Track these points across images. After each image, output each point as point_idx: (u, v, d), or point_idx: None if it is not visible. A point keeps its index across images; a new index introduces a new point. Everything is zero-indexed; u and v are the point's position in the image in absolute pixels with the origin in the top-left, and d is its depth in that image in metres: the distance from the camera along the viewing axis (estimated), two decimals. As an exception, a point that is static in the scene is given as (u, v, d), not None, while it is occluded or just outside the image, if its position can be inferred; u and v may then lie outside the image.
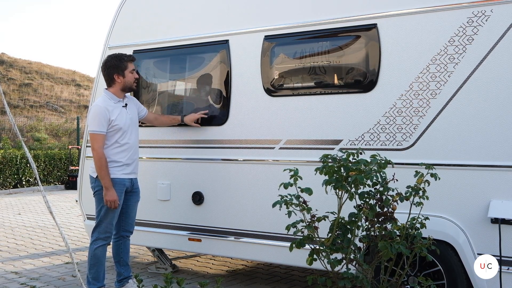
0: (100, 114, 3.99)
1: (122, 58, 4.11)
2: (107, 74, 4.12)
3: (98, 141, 3.98)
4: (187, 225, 4.54)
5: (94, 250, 4.11)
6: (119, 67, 4.09)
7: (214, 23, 4.50)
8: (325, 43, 4.01)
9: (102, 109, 4.01)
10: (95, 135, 3.99)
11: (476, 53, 3.38)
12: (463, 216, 3.41)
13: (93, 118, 4.01)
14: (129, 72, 4.12)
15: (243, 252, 4.33)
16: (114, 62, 4.10)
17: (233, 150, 4.33)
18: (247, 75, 4.28)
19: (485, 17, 3.36)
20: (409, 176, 3.19)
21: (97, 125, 3.98)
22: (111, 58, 4.14)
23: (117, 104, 4.10)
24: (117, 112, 4.06)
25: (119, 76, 4.09)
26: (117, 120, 4.03)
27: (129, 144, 4.10)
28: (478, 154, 3.36)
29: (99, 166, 3.97)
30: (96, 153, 3.98)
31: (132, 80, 4.14)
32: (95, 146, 3.98)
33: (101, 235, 4.10)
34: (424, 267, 3.53)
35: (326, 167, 3.10)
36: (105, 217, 4.07)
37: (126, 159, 4.10)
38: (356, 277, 2.98)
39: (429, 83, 3.53)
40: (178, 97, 4.90)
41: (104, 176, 3.97)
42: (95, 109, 4.03)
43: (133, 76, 4.15)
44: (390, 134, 3.66)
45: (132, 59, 4.18)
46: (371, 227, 3.14)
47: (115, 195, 4.00)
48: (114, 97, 4.10)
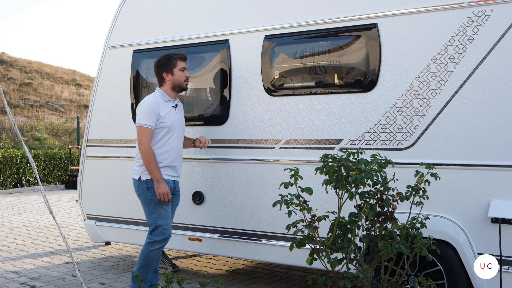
0: (150, 108, 3.85)
1: (171, 56, 4.01)
2: (157, 73, 4.04)
3: (146, 135, 3.82)
4: (187, 224, 4.53)
5: (149, 253, 3.89)
6: (168, 65, 3.99)
7: (214, 22, 4.50)
8: (325, 42, 4.01)
9: (153, 103, 3.87)
10: (143, 128, 3.83)
11: (476, 53, 3.38)
12: (463, 216, 3.41)
13: (143, 111, 3.85)
14: (179, 70, 3.99)
15: (243, 252, 4.32)
16: (163, 61, 4.01)
17: (234, 149, 4.33)
18: (248, 75, 4.28)
19: (485, 16, 3.36)
20: (410, 176, 3.19)
21: (146, 118, 3.83)
22: (161, 57, 4.06)
23: (168, 103, 3.97)
24: (166, 110, 3.92)
25: (167, 74, 3.98)
26: (166, 117, 3.89)
27: (173, 146, 3.95)
28: (478, 154, 3.36)
29: (148, 159, 3.80)
30: (144, 146, 3.81)
31: (182, 79, 4.00)
32: (143, 140, 3.81)
33: (157, 238, 3.90)
34: (424, 266, 3.53)
35: (326, 167, 3.10)
36: (159, 218, 3.88)
37: (170, 160, 3.93)
38: (356, 276, 2.98)
39: (429, 82, 3.53)
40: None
41: (154, 169, 3.80)
42: (146, 103, 3.90)
43: (183, 75, 4.01)
44: (391, 134, 3.66)
45: (183, 57, 4.04)
46: (371, 227, 3.14)
47: (167, 187, 3.84)
48: (165, 95, 3.98)
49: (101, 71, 5.08)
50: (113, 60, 5.03)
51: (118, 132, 4.96)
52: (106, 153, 5.03)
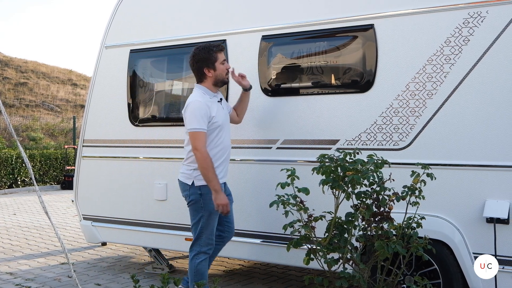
0: (201, 110, 3.57)
1: (211, 49, 3.68)
2: (197, 69, 3.72)
3: (201, 140, 3.53)
4: (184, 225, 4.53)
5: (197, 266, 3.66)
6: (209, 59, 3.68)
7: (212, 22, 4.50)
8: (322, 43, 4.02)
9: (203, 104, 3.59)
10: (197, 133, 3.54)
11: (471, 54, 3.40)
12: (458, 216, 3.43)
13: (194, 114, 3.56)
14: (220, 64, 3.70)
15: (240, 252, 4.32)
16: (202, 55, 3.68)
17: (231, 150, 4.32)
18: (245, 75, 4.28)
19: (480, 18, 3.38)
20: (406, 176, 3.21)
21: (199, 122, 3.54)
22: (199, 50, 3.71)
23: (213, 99, 3.71)
24: (215, 108, 3.66)
25: (209, 69, 3.68)
26: (217, 116, 3.64)
27: (226, 143, 3.73)
28: (473, 154, 3.38)
29: (206, 167, 3.50)
30: (201, 153, 3.51)
31: (224, 72, 3.73)
32: (199, 146, 3.52)
33: (202, 248, 3.67)
34: (420, 266, 3.55)
35: (323, 167, 3.11)
36: (207, 227, 3.64)
37: (222, 160, 3.70)
38: (352, 276, 2.99)
39: (425, 83, 3.54)
40: (175, 97, 4.90)
41: (213, 178, 3.51)
42: (196, 105, 3.59)
43: (224, 67, 3.73)
44: (387, 134, 3.67)
45: (222, 48, 3.76)
46: (368, 227, 3.16)
47: (226, 197, 3.58)
48: (209, 92, 3.71)
49: (97, 70, 5.08)
50: (109, 59, 5.03)
51: (114, 132, 4.96)
52: (102, 153, 5.02)
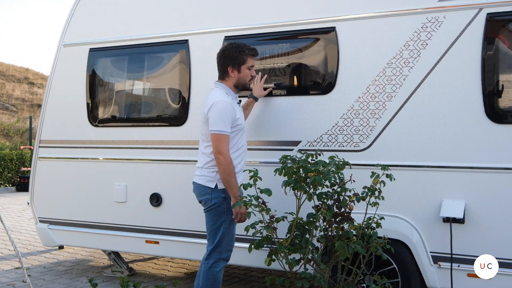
0: (228, 112, 3.35)
1: (242, 50, 3.48)
2: (221, 64, 3.53)
3: (225, 144, 3.33)
4: (145, 227, 4.46)
5: (216, 275, 3.40)
6: (237, 59, 3.47)
7: (174, 22, 4.45)
8: (285, 45, 4.04)
9: (229, 106, 3.38)
10: (222, 136, 3.33)
11: (429, 58, 3.49)
12: (416, 216, 3.51)
13: (220, 115, 3.34)
14: (246, 68, 3.50)
15: (201, 254, 4.28)
16: (232, 53, 3.48)
17: (193, 151, 4.29)
18: (207, 75, 4.24)
19: (438, 23, 3.47)
20: (366, 177, 3.25)
21: (225, 124, 3.33)
22: (230, 47, 3.52)
23: (234, 100, 3.52)
24: (238, 110, 3.49)
25: (233, 69, 3.49)
26: (240, 118, 3.47)
27: (245, 146, 3.54)
28: (431, 155, 3.47)
29: (229, 173, 3.29)
30: (225, 157, 3.30)
31: (247, 78, 3.53)
32: (223, 150, 3.31)
33: (222, 255, 3.42)
34: (379, 265, 3.61)
35: (285, 168, 3.13)
36: (228, 233, 3.41)
37: (242, 164, 3.50)
38: (313, 276, 3.02)
39: (385, 86, 3.61)
40: (136, 97, 4.82)
41: (234, 184, 3.31)
42: (223, 105, 3.36)
43: (249, 74, 3.53)
44: (348, 136, 3.72)
45: (254, 53, 3.54)
46: (329, 227, 3.19)
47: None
48: (231, 92, 3.50)
49: (55, 69, 4.94)
50: (68, 58, 4.90)
51: (73, 133, 4.84)
52: (60, 154, 4.89)
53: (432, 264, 3.46)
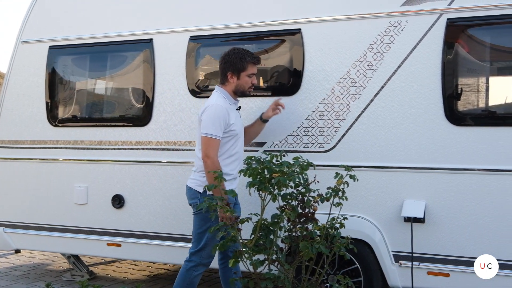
0: (221, 116, 3.35)
1: (243, 57, 3.46)
2: (222, 69, 3.52)
3: (214, 148, 3.32)
4: (106, 229, 4.38)
5: (193, 278, 3.42)
6: (237, 66, 3.45)
7: (138, 21, 4.39)
8: (251, 45, 4.04)
9: (223, 109, 3.37)
10: (212, 140, 3.32)
11: (392, 61, 3.56)
12: (379, 216, 3.57)
13: (212, 119, 3.34)
14: (246, 76, 3.47)
15: (165, 256, 4.25)
16: (233, 58, 3.46)
17: (156, 151, 4.24)
18: (172, 76, 4.22)
19: (401, 27, 3.55)
20: (330, 178, 3.28)
21: (216, 128, 3.33)
22: (233, 52, 3.50)
23: (232, 105, 3.50)
24: (234, 115, 3.46)
25: (233, 75, 3.47)
26: (235, 124, 3.43)
27: (239, 153, 3.51)
28: (393, 156, 3.54)
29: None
30: (212, 162, 3.30)
31: (246, 86, 3.49)
32: (211, 154, 3.30)
33: (204, 260, 3.42)
34: (342, 265, 3.65)
35: (250, 169, 3.11)
36: (213, 239, 3.36)
37: (236, 171, 3.44)
38: (277, 277, 3.02)
39: (349, 88, 3.66)
40: (98, 96, 4.72)
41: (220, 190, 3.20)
42: (216, 109, 3.36)
43: (249, 81, 3.49)
44: (313, 137, 3.75)
45: (256, 61, 3.51)
46: (293, 228, 3.20)
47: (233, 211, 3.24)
48: (229, 97, 3.49)
49: (12, 67, 4.79)
50: (26, 55, 4.76)
51: (31, 133, 4.70)
52: (17, 154, 4.74)
53: (393, 263, 3.52)
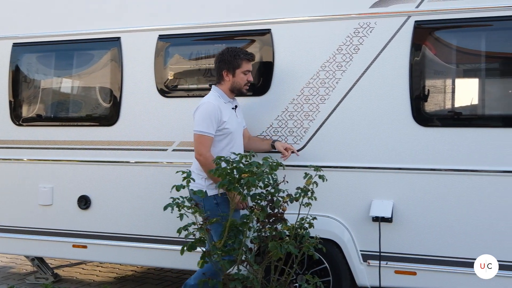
0: (212, 113, 3.37)
1: (237, 54, 3.50)
2: (217, 68, 3.56)
3: (205, 145, 3.34)
4: (72, 231, 4.30)
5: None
6: (231, 63, 3.49)
7: (105, 19, 4.31)
8: (220, 45, 4.00)
9: (215, 107, 3.39)
10: (202, 137, 3.35)
11: (361, 62, 3.59)
12: (347, 215, 3.60)
13: (203, 116, 3.37)
14: (241, 73, 3.51)
15: (133, 257, 4.19)
16: (226, 57, 3.50)
17: (124, 151, 4.18)
18: (140, 75, 4.16)
19: (370, 28, 3.58)
20: (299, 178, 3.29)
21: (207, 125, 3.35)
22: (226, 50, 3.55)
23: (228, 104, 3.52)
24: (228, 114, 3.47)
25: (228, 73, 3.50)
26: (228, 122, 3.44)
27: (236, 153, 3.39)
28: (361, 156, 3.57)
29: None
30: (204, 158, 3.32)
31: (242, 82, 3.52)
32: (203, 151, 3.33)
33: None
34: (311, 265, 3.66)
35: (219, 169, 3.09)
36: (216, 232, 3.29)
37: None
38: (246, 277, 3.01)
39: (318, 88, 3.68)
40: (64, 95, 4.61)
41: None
42: (207, 107, 3.40)
43: (245, 78, 3.52)
44: (282, 137, 3.75)
45: (250, 58, 3.55)
46: (262, 228, 3.19)
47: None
48: (224, 96, 3.52)
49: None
50: (-12, 53, 4.62)
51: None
52: (-22, 154, 4.59)
53: (361, 262, 3.56)
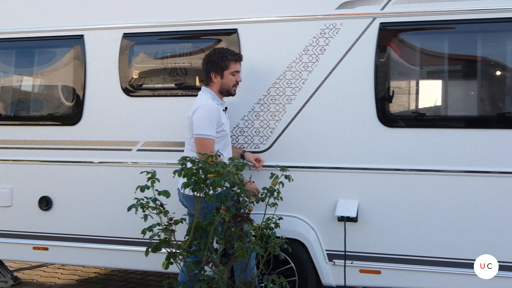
0: (213, 116, 3.33)
1: (225, 55, 3.47)
2: (205, 70, 3.52)
3: (209, 148, 3.25)
4: (32, 233, 4.19)
5: None
6: (219, 65, 3.46)
7: (68, 16, 4.22)
8: (186, 44, 3.99)
9: (215, 109, 3.36)
10: (207, 140, 3.29)
11: (327, 63, 3.62)
12: (313, 215, 3.62)
13: (205, 119, 3.31)
14: (230, 74, 3.47)
15: (96, 259, 4.11)
16: (214, 59, 3.47)
17: (87, 151, 4.10)
18: (104, 73, 4.09)
19: (336, 29, 3.61)
20: (266, 178, 3.29)
21: (209, 128, 3.30)
22: (214, 52, 3.52)
23: (220, 106, 3.48)
24: (224, 116, 3.45)
25: (216, 75, 3.47)
26: (225, 125, 3.42)
27: (228, 155, 3.41)
28: (327, 157, 3.60)
29: None
30: None
31: (231, 84, 3.49)
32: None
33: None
34: (277, 265, 3.67)
35: (184, 170, 3.06)
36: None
37: None
38: (212, 278, 2.98)
39: (285, 89, 3.68)
40: (25, 94, 4.48)
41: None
42: (208, 109, 3.34)
43: (233, 79, 3.49)
44: (249, 137, 3.75)
45: (238, 58, 3.52)
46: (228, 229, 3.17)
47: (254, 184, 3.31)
48: (216, 98, 3.48)
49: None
50: None
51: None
52: None
53: (327, 262, 3.58)
